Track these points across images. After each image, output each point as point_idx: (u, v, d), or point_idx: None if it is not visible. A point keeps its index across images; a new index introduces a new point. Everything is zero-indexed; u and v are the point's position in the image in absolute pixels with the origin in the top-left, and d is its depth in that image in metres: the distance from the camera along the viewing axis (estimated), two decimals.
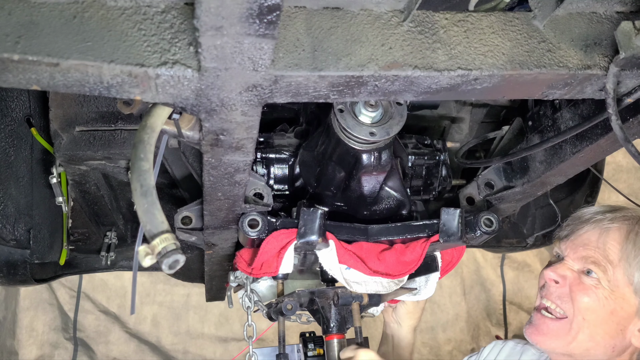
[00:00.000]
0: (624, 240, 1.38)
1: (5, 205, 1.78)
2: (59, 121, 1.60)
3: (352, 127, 1.30)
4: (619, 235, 1.39)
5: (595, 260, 1.39)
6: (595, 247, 1.41)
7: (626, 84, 0.95)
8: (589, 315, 1.37)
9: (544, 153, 1.35)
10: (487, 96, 0.95)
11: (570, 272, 1.43)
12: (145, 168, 0.80)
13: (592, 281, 1.38)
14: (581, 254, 1.43)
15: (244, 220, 1.33)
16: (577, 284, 1.40)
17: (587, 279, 1.39)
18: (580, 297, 1.38)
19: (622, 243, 1.38)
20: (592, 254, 1.41)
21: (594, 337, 1.37)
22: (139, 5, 0.77)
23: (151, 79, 0.75)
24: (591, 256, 1.40)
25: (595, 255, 1.40)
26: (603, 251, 1.39)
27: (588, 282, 1.39)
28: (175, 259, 0.76)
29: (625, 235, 1.39)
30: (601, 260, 1.38)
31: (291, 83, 0.82)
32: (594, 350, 1.38)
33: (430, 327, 4.39)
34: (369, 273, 1.49)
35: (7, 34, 0.71)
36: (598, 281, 1.37)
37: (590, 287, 1.38)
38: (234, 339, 4.07)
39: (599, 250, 1.40)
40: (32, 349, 3.65)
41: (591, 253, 1.41)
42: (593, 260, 1.39)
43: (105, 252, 2.12)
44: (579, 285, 1.40)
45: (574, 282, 1.41)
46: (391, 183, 1.51)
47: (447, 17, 0.89)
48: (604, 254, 1.39)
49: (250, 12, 0.63)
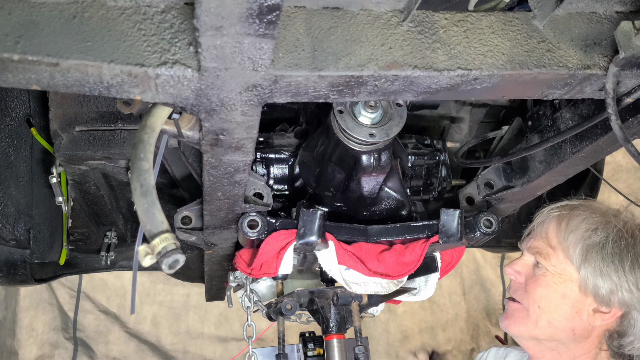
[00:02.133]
0: (558, 225, 1.47)
1: (5, 205, 1.78)
2: (58, 121, 1.60)
3: (352, 128, 1.30)
4: (555, 222, 1.49)
5: (539, 250, 1.49)
6: (539, 237, 1.52)
7: (626, 84, 0.95)
8: (543, 302, 1.45)
9: (544, 153, 1.35)
10: (487, 96, 0.95)
11: (524, 267, 1.53)
12: (145, 168, 0.80)
13: (541, 270, 1.47)
14: (530, 245, 1.54)
15: (244, 220, 1.33)
16: (530, 277, 1.50)
17: (537, 269, 1.48)
18: (532, 288, 1.47)
19: (556, 228, 1.47)
20: (536, 244, 1.51)
21: (552, 322, 1.45)
22: (139, 5, 0.77)
23: (151, 78, 0.75)
24: (536, 246, 1.50)
25: (540, 245, 1.49)
26: (545, 240, 1.49)
27: (538, 272, 1.48)
28: (175, 259, 0.76)
29: (558, 221, 1.48)
30: (543, 248, 1.47)
31: (291, 83, 0.82)
32: (557, 335, 1.45)
33: (430, 327, 4.39)
34: (368, 274, 1.49)
35: (7, 34, 0.71)
36: (545, 269, 1.45)
37: (539, 277, 1.46)
38: (234, 338, 4.07)
39: (542, 239, 1.50)
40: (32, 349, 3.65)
41: (536, 244, 1.51)
42: (537, 250, 1.49)
43: (105, 251, 2.12)
44: (531, 277, 1.49)
45: (528, 275, 1.51)
46: (391, 184, 1.51)
47: (446, 17, 0.89)
48: (546, 242, 1.48)
49: (250, 12, 0.63)
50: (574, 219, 1.45)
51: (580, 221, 1.44)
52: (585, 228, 1.42)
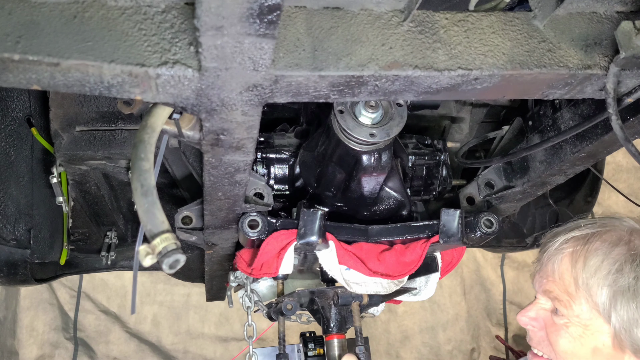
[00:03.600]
0: (573, 265, 1.21)
1: (5, 205, 1.78)
2: (59, 121, 1.60)
3: (352, 128, 1.30)
4: (569, 260, 1.23)
5: (556, 295, 1.24)
6: (553, 279, 1.26)
7: (626, 84, 0.95)
8: (570, 357, 1.21)
9: (544, 153, 1.35)
10: (488, 96, 0.95)
11: (541, 312, 1.28)
12: (146, 168, 0.80)
13: (562, 320, 1.22)
14: (544, 288, 1.28)
15: (244, 220, 1.33)
16: (551, 325, 1.25)
17: (557, 318, 1.24)
18: (555, 340, 1.23)
19: (572, 269, 1.21)
20: (551, 289, 1.25)
21: None
22: (140, 5, 0.77)
23: (151, 78, 0.75)
24: (551, 291, 1.25)
25: (555, 290, 1.24)
26: (561, 284, 1.23)
27: (559, 321, 1.23)
28: (176, 259, 0.76)
29: (573, 260, 1.22)
30: (560, 295, 1.22)
31: (291, 83, 0.82)
32: None
33: (430, 326, 4.39)
34: (368, 274, 1.49)
35: (7, 34, 0.71)
36: (568, 319, 1.21)
37: (561, 327, 1.22)
38: (234, 338, 4.07)
39: (557, 283, 1.24)
40: (32, 349, 3.65)
41: (551, 287, 1.26)
42: (554, 295, 1.24)
43: (105, 251, 2.12)
44: (552, 326, 1.25)
45: (548, 324, 1.26)
46: (391, 184, 1.51)
47: (447, 17, 0.89)
48: (562, 287, 1.23)
49: (251, 12, 0.63)
50: (592, 257, 1.19)
51: (600, 260, 1.18)
52: (608, 269, 1.16)
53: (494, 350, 4.31)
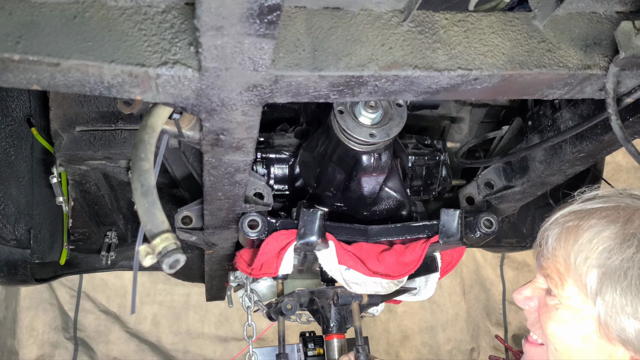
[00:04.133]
0: (565, 242, 1.07)
1: (5, 205, 1.78)
2: (59, 121, 1.60)
3: (352, 128, 1.31)
4: (563, 236, 1.09)
5: (548, 273, 1.10)
6: (547, 256, 1.12)
7: (626, 84, 0.95)
8: (559, 344, 1.08)
9: (544, 153, 1.35)
10: (487, 96, 0.95)
11: (537, 291, 1.16)
12: (146, 168, 0.81)
13: (554, 300, 1.09)
14: (540, 264, 1.15)
15: (244, 221, 1.33)
16: (543, 306, 1.13)
17: (549, 298, 1.10)
18: (545, 322, 1.10)
19: (564, 245, 1.07)
20: (546, 266, 1.12)
21: None
22: (140, 5, 0.77)
23: (152, 78, 0.75)
24: (545, 268, 1.12)
25: (549, 267, 1.11)
26: (554, 261, 1.09)
27: (550, 302, 1.10)
28: (176, 259, 0.76)
29: (566, 235, 1.08)
30: (553, 274, 1.09)
31: (291, 83, 0.82)
32: None
33: (430, 326, 4.39)
34: (368, 274, 1.49)
35: (7, 34, 0.71)
36: (559, 300, 1.08)
37: (552, 308, 1.09)
38: (234, 338, 4.07)
39: (550, 260, 1.11)
40: (32, 349, 3.65)
41: (545, 264, 1.12)
42: (547, 273, 1.11)
43: (105, 251, 2.12)
44: (544, 307, 1.12)
45: (541, 304, 1.14)
46: (391, 184, 1.51)
47: (447, 17, 0.89)
48: (554, 264, 1.09)
49: (251, 12, 0.63)
50: (584, 234, 1.04)
51: (591, 236, 1.03)
52: (600, 246, 1.01)
53: (494, 350, 4.31)
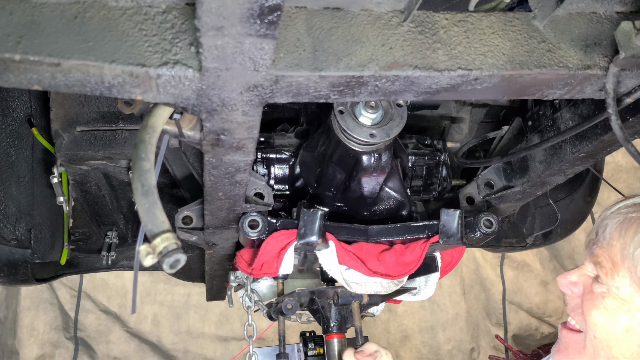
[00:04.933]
0: (624, 233, 1.09)
1: (6, 205, 1.78)
2: (60, 121, 1.60)
3: (352, 128, 1.31)
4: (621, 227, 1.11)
5: (600, 261, 1.12)
6: (601, 244, 1.14)
7: (626, 84, 0.95)
8: (600, 332, 1.11)
9: (544, 153, 1.35)
10: (487, 96, 0.95)
11: (583, 278, 1.17)
12: (147, 168, 0.81)
13: (601, 288, 1.11)
14: (592, 252, 1.16)
15: (244, 221, 1.33)
16: (587, 293, 1.15)
17: (597, 286, 1.12)
18: (588, 309, 1.12)
19: (621, 236, 1.09)
20: (598, 253, 1.13)
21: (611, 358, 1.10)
22: (140, 5, 0.77)
23: (152, 79, 0.75)
24: (597, 256, 1.13)
25: (601, 255, 1.12)
26: (607, 249, 1.11)
27: (597, 290, 1.12)
28: (176, 259, 0.76)
29: (625, 227, 1.10)
30: (605, 261, 1.11)
31: (292, 83, 0.82)
32: None
33: (430, 326, 4.39)
34: (368, 274, 1.49)
35: (8, 34, 0.72)
36: (607, 289, 1.10)
37: (598, 296, 1.11)
38: (235, 338, 4.07)
39: (604, 248, 1.12)
40: (33, 349, 3.65)
41: (598, 252, 1.14)
42: (599, 260, 1.12)
43: (106, 251, 2.13)
44: (588, 294, 1.14)
45: (586, 291, 1.16)
46: (391, 184, 1.51)
47: (447, 18, 0.90)
48: (608, 253, 1.11)
49: (251, 13, 0.63)
50: None
51: None
52: None
53: (494, 350, 4.31)
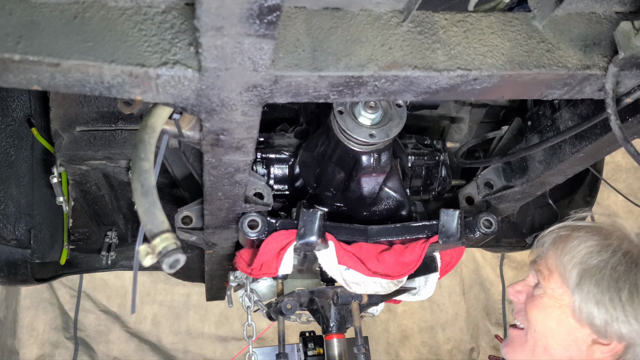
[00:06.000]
0: (557, 246, 1.38)
1: (6, 205, 1.78)
2: (59, 121, 1.60)
3: (352, 128, 1.31)
4: (555, 242, 1.40)
5: (540, 269, 1.40)
6: (540, 257, 1.44)
7: (625, 84, 0.95)
8: (539, 326, 1.36)
9: (543, 153, 1.35)
10: (487, 96, 0.95)
11: (525, 287, 1.46)
12: (146, 168, 0.81)
13: (540, 291, 1.38)
14: (534, 263, 1.46)
15: (244, 221, 1.33)
16: (529, 297, 1.42)
17: (537, 290, 1.39)
18: (530, 309, 1.39)
19: (555, 249, 1.38)
20: (539, 264, 1.42)
21: (549, 350, 1.34)
22: (140, 5, 0.77)
23: (152, 79, 0.75)
24: (538, 265, 1.42)
25: (541, 265, 1.41)
26: (544, 260, 1.41)
27: (537, 293, 1.39)
28: (176, 259, 0.76)
29: (558, 242, 1.39)
30: (544, 269, 1.39)
31: (291, 83, 0.82)
32: None
33: (429, 326, 4.39)
34: (368, 274, 1.49)
35: (8, 34, 0.72)
36: (544, 291, 1.37)
37: (537, 298, 1.38)
38: (234, 338, 4.07)
39: (543, 259, 1.42)
40: (32, 348, 3.65)
41: (539, 263, 1.43)
42: (539, 269, 1.41)
43: (105, 251, 2.13)
44: (530, 298, 1.41)
45: (528, 296, 1.43)
46: (391, 184, 1.51)
47: (446, 18, 0.90)
48: (545, 262, 1.40)
49: (251, 13, 0.63)
50: (573, 240, 1.35)
51: (578, 243, 1.33)
52: (583, 251, 1.31)
53: (493, 350, 4.31)
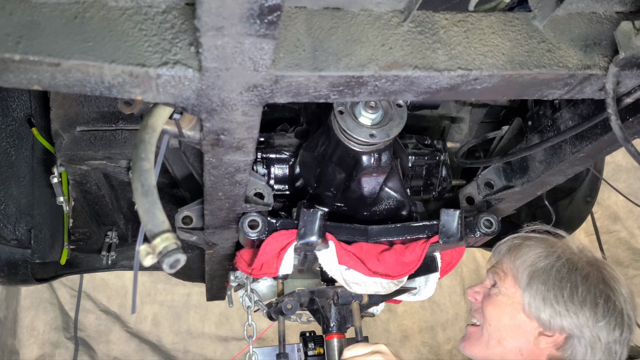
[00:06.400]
0: (510, 252, 1.60)
1: (6, 205, 1.78)
2: (60, 121, 1.60)
3: (352, 128, 1.31)
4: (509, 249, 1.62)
5: (496, 271, 1.60)
6: (497, 262, 1.64)
7: (626, 84, 0.95)
8: (493, 321, 1.54)
9: (544, 153, 1.35)
10: (487, 96, 0.95)
11: (483, 289, 1.65)
12: (147, 168, 0.81)
13: (495, 290, 1.58)
14: (492, 266, 1.66)
15: (244, 221, 1.33)
16: (486, 297, 1.60)
17: (493, 289, 1.59)
18: (486, 307, 1.57)
19: (509, 254, 1.60)
20: (496, 266, 1.63)
21: (501, 341, 1.53)
22: (140, 5, 0.77)
23: (152, 79, 0.75)
24: (496, 267, 1.62)
25: (498, 268, 1.61)
26: (501, 264, 1.61)
27: (493, 292, 1.58)
28: (176, 259, 0.76)
29: (511, 248, 1.61)
30: (500, 271, 1.59)
31: (292, 83, 0.82)
32: (506, 355, 1.53)
33: (430, 326, 4.39)
34: (368, 274, 1.49)
35: (8, 34, 0.72)
36: (499, 290, 1.56)
37: (493, 296, 1.57)
38: (235, 338, 4.07)
39: (499, 264, 1.62)
40: (33, 349, 3.65)
41: (496, 265, 1.63)
42: (495, 271, 1.61)
43: (106, 251, 2.13)
44: (486, 297, 1.60)
45: (485, 296, 1.62)
46: (391, 184, 1.51)
47: (447, 18, 0.90)
48: (501, 266, 1.60)
49: (251, 13, 0.63)
50: (524, 247, 1.57)
51: (529, 249, 1.55)
52: (533, 256, 1.53)
53: None
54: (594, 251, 1.61)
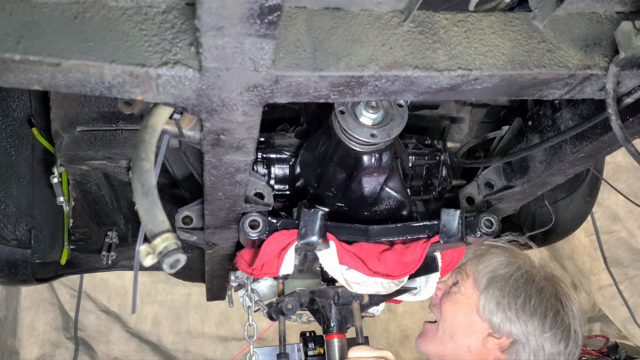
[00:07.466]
0: (474, 258, 1.70)
1: (6, 205, 1.78)
2: (60, 121, 1.60)
3: (353, 128, 1.31)
4: (474, 256, 1.71)
5: (460, 271, 1.71)
6: (463, 265, 1.73)
7: (626, 84, 0.95)
8: (449, 317, 1.64)
9: (544, 153, 1.35)
10: (487, 96, 0.95)
11: (444, 286, 1.75)
12: (147, 168, 0.81)
13: (455, 289, 1.68)
14: (458, 267, 1.75)
15: (245, 221, 1.33)
16: (445, 293, 1.71)
17: (453, 288, 1.69)
18: (443, 303, 1.68)
19: (473, 260, 1.70)
20: (460, 268, 1.72)
21: (454, 337, 1.62)
22: (140, 5, 0.77)
23: (152, 79, 0.75)
24: (461, 268, 1.72)
25: (462, 270, 1.71)
26: (465, 267, 1.71)
27: (453, 290, 1.69)
28: (176, 259, 0.76)
29: (476, 255, 1.70)
30: (463, 273, 1.69)
31: (292, 83, 0.82)
32: (457, 351, 1.62)
33: None
34: (369, 274, 1.49)
35: (8, 34, 0.72)
36: (459, 289, 1.66)
37: (452, 294, 1.67)
38: (235, 338, 4.07)
39: (464, 267, 1.72)
40: (33, 349, 3.64)
41: (462, 267, 1.73)
42: (459, 271, 1.71)
43: (106, 251, 2.12)
44: (446, 294, 1.71)
45: (445, 292, 1.73)
46: (392, 184, 1.51)
47: (447, 18, 0.90)
48: (465, 269, 1.70)
49: (251, 13, 0.63)
50: (489, 254, 1.68)
51: (493, 256, 1.66)
52: (495, 262, 1.64)
53: None
54: (555, 268, 1.72)
